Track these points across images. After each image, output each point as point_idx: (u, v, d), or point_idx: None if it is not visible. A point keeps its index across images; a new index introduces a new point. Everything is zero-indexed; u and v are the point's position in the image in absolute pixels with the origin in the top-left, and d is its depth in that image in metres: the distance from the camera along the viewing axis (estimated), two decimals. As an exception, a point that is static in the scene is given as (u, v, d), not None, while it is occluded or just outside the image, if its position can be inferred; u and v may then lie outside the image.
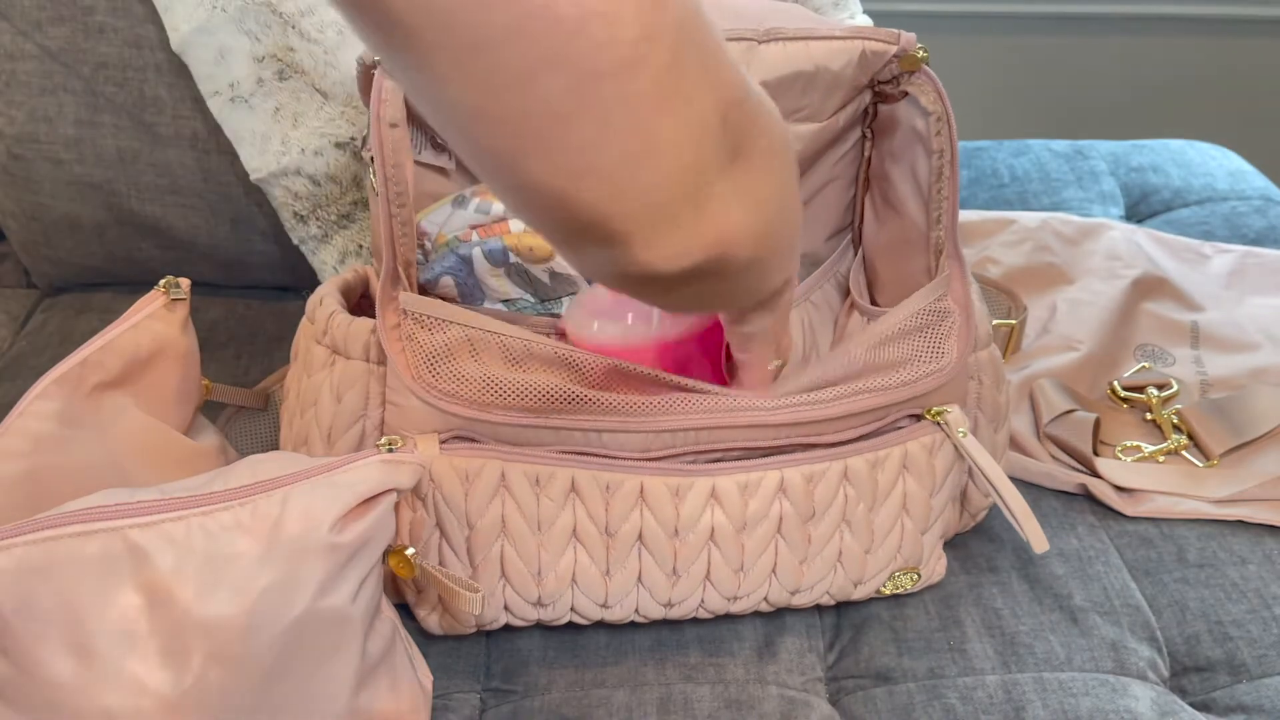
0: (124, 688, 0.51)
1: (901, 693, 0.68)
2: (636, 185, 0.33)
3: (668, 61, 0.31)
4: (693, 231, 0.35)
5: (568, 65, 0.30)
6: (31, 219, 0.97)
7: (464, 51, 0.30)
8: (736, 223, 0.36)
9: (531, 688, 0.68)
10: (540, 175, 0.32)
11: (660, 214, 0.34)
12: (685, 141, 0.33)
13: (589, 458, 0.62)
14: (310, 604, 0.54)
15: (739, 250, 0.37)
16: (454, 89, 0.31)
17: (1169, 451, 0.85)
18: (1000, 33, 1.84)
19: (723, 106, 0.34)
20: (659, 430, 0.62)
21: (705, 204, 0.35)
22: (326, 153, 0.89)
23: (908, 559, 0.69)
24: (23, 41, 0.92)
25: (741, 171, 0.36)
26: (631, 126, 0.32)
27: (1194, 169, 1.21)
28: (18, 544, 0.50)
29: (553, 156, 0.32)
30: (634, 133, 0.32)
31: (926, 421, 0.67)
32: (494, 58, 0.30)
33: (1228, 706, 0.68)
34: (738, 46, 0.67)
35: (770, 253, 0.40)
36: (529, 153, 0.32)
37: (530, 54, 0.30)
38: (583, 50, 0.30)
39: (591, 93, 0.31)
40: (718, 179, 0.35)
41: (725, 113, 0.35)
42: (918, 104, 0.67)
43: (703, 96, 0.33)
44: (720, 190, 0.35)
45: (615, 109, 0.31)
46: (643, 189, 0.33)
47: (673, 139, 0.33)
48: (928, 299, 0.66)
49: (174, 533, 0.52)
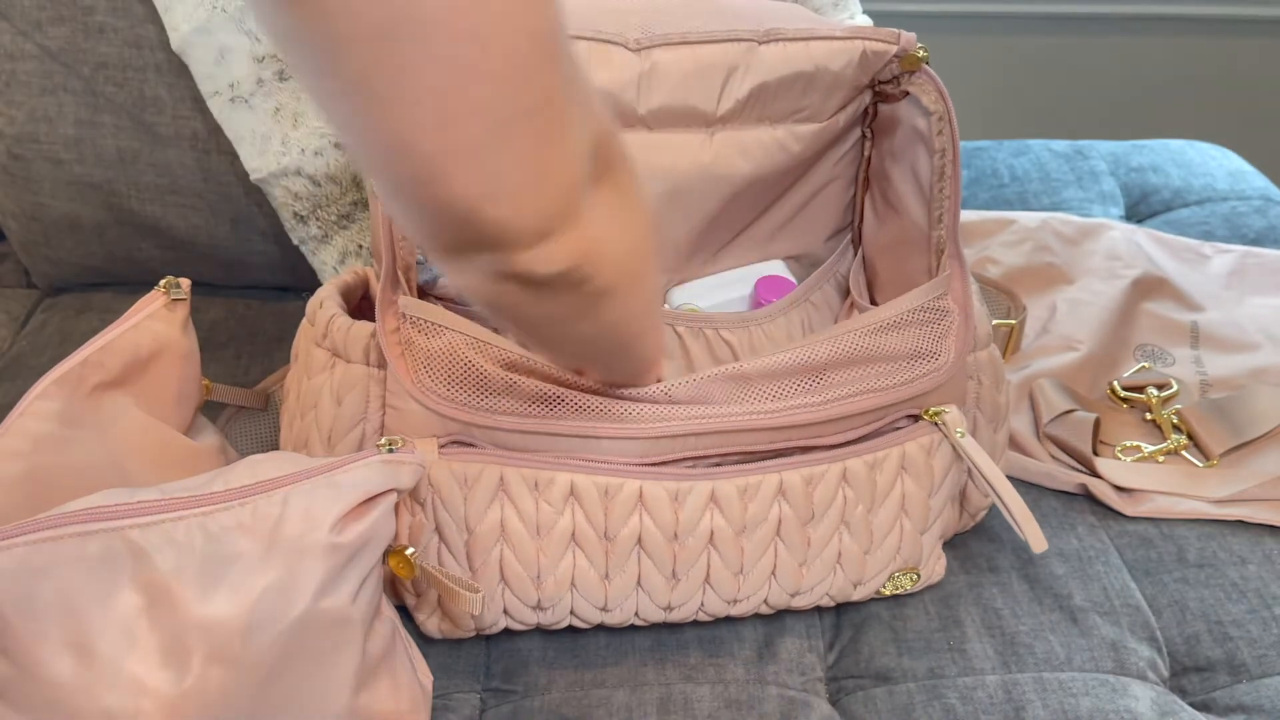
0: (124, 688, 0.51)
1: (901, 693, 0.68)
2: (533, 203, 0.40)
3: (561, 106, 0.39)
4: (565, 239, 0.43)
5: (489, 113, 0.37)
6: (31, 219, 0.97)
7: (406, 99, 0.36)
8: (598, 235, 0.44)
9: (531, 688, 0.68)
10: (454, 196, 0.39)
11: (546, 225, 0.42)
12: (569, 167, 0.41)
13: (588, 462, 0.62)
14: (310, 604, 0.54)
15: (600, 262, 0.45)
16: (385, 127, 0.37)
17: (1169, 451, 0.85)
18: (1000, 33, 1.84)
19: (593, 139, 0.43)
20: (657, 436, 0.62)
21: (577, 217, 0.43)
22: (327, 153, 0.89)
23: (907, 559, 0.69)
24: (23, 41, 0.92)
25: (604, 194, 0.44)
26: (534, 157, 0.39)
27: (1194, 169, 1.20)
28: (18, 544, 0.50)
29: (469, 182, 0.39)
30: (535, 162, 0.39)
31: (924, 422, 0.67)
32: (427, 101, 0.36)
33: (1227, 706, 0.68)
34: (738, 47, 0.67)
35: (627, 278, 0.47)
36: (448, 178, 0.38)
37: (460, 105, 0.36)
38: (502, 99, 0.37)
39: (506, 133, 0.38)
40: (586, 198, 0.43)
41: (595, 144, 0.43)
42: (919, 103, 0.67)
43: (581, 130, 0.41)
44: (587, 207, 0.43)
45: (523, 144, 0.39)
46: (536, 206, 0.41)
47: (562, 165, 0.40)
48: (927, 296, 0.66)
49: (174, 533, 0.52)
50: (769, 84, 0.68)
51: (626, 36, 0.66)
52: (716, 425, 0.62)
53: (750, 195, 0.74)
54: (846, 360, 0.64)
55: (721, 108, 0.68)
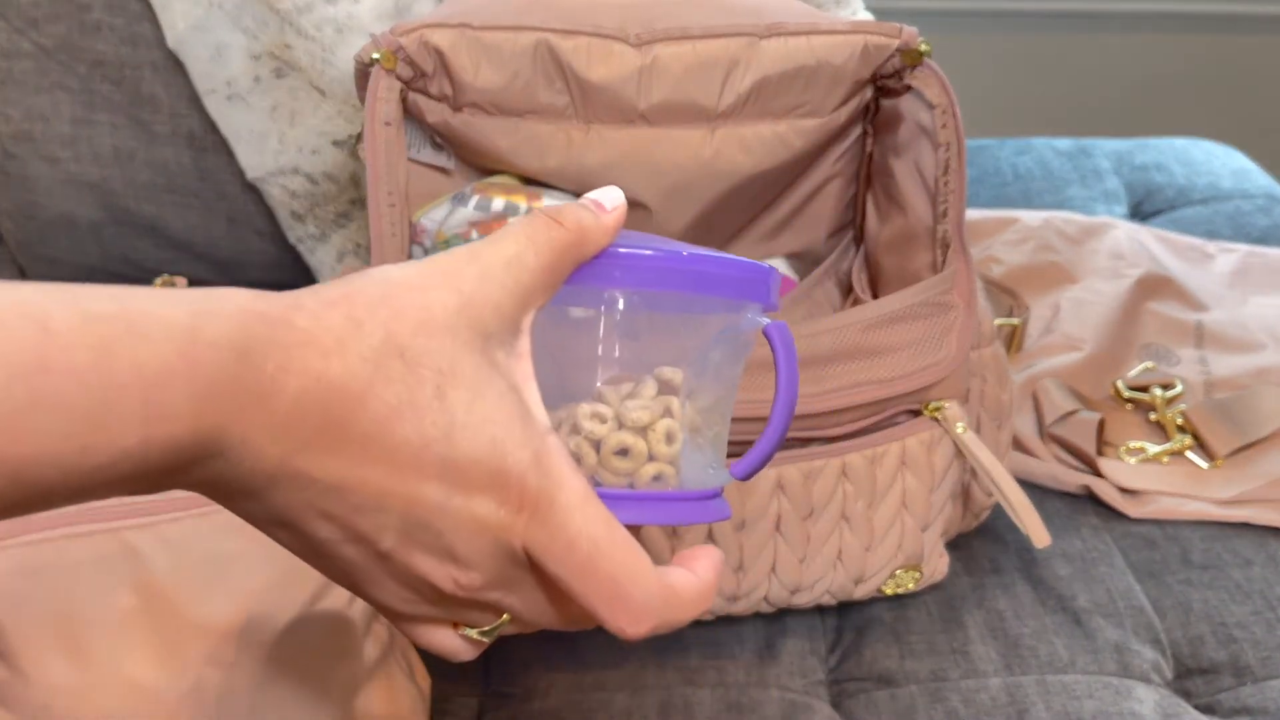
0: (120, 690, 0.51)
1: (904, 695, 0.67)
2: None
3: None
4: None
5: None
6: (27, 218, 0.97)
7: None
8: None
9: (531, 691, 0.68)
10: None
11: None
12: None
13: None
14: (307, 606, 0.53)
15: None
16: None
17: (1173, 452, 0.84)
18: (1003, 30, 1.84)
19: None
20: None
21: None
22: (324, 151, 0.89)
23: (909, 556, 0.69)
24: (18, 39, 0.92)
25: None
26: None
27: (1198, 167, 1.20)
28: (13, 545, 0.50)
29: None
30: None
31: (924, 417, 0.67)
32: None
33: (1232, 709, 0.68)
34: (739, 42, 0.67)
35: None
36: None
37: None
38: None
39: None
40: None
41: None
42: (922, 97, 0.67)
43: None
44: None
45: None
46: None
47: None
48: (931, 291, 0.66)
49: (170, 534, 0.52)
50: (770, 79, 0.67)
51: (627, 32, 0.66)
52: None
53: (752, 191, 0.74)
54: (848, 353, 0.63)
55: (723, 103, 0.68)
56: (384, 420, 0.33)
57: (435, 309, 0.34)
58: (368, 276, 0.34)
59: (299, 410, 0.32)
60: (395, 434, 0.33)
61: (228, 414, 0.31)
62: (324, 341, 0.32)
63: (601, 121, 0.68)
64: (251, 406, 0.31)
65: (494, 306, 0.35)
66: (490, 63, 0.65)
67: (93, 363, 0.29)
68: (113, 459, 0.30)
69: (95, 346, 0.29)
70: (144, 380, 0.30)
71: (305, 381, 0.32)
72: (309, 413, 0.32)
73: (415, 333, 0.33)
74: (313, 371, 0.32)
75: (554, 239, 0.36)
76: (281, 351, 0.31)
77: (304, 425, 0.32)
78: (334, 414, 0.32)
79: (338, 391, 0.32)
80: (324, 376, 0.32)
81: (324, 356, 0.32)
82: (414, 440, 0.33)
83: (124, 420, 0.29)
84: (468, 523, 0.34)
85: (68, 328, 0.29)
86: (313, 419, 0.32)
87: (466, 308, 0.34)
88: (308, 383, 0.32)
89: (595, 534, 0.34)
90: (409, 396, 0.33)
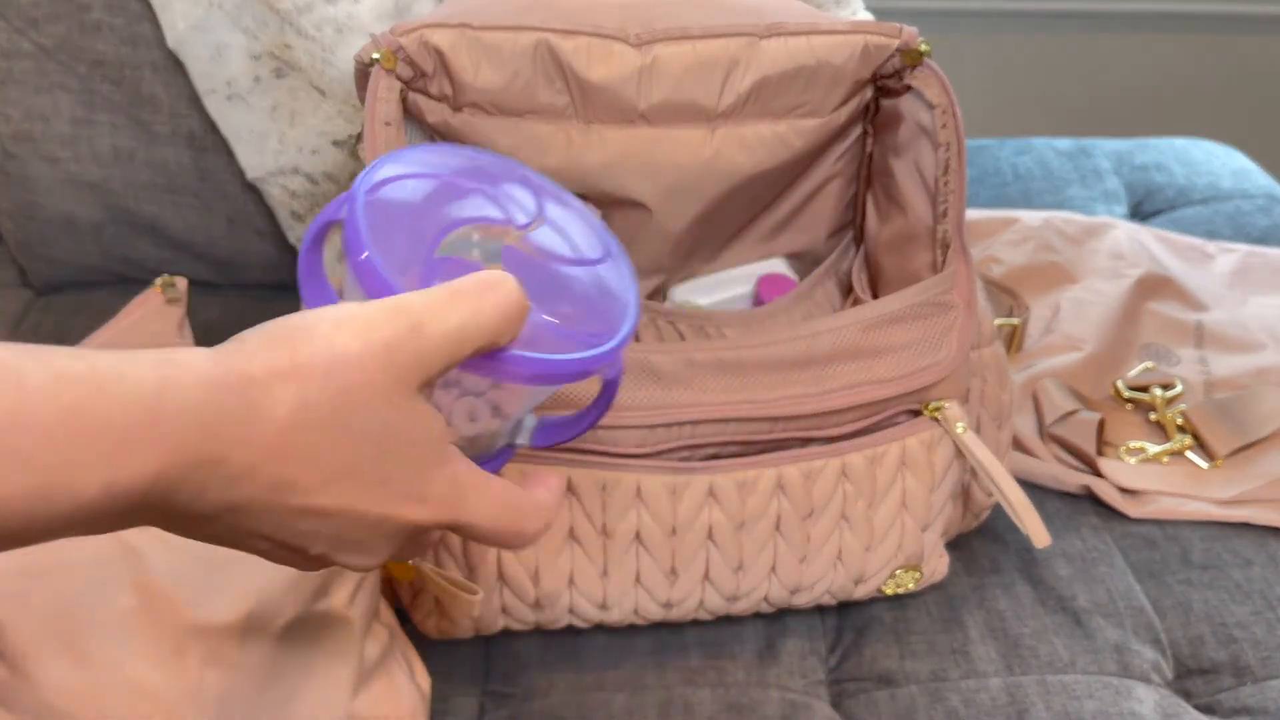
0: (121, 691, 0.51)
1: (904, 695, 0.67)
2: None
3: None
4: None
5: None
6: (27, 218, 0.97)
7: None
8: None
9: (531, 691, 0.68)
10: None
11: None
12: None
13: (585, 455, 0.62)
14: (307, 606, 0.53)
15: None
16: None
17: (1173, 452, 0.84)
18: (1003, 30, 1.84)
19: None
20: (653, 425, 0.62)
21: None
22: (324, 151, 0.89)
23: (909, 556, 0.69)
24: (18, 39, 0.92)
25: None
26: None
27: (1198, 167, 1.20)
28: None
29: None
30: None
31: (924, 417, 0.67)
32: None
33: (1232, 709, 0.68)
34: (739, 42, 0.67)
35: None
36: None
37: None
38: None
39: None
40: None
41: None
42: (922, 97, 0.67)
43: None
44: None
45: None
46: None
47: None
48: (931, 291, 0.66)
49: (170, 534, 0.52)
50: (770, 78, 0.67)
51: (627, 32, 0.66)
52: (714, 413, 0.62)
53: (752, 191, 0.74)
54: (848, 353, 0.63)
55: (723, 103, 0.68)
56: (322, 481, 0.37)
57: (375, 387, 0.37)
58: (313, 342, 0.37)
59: (251, 470, 0.36)
60: (331, 489, 0.38)
61: (185, 470, 0.34)
62: (277, 414, 0.36)
63: (601, 121, 0.68)
64: (208, 464, 0.35)
65: (423, 377, 0.38)
66: (490, 63, 0.65)
67: (60, 421, 0.32)
68: (75, 508, 0.33)
69: (67, 406, 0.32)
70: (110, 440, 0.33)
71: (256, 455, 0.36)
72: (260, 472, 0.36)
73: (355, 410, 0.37)
74: (265, 440, 0.36)
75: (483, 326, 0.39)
76: (237, 428, 0.35)
77: (255, 481, 0.36)
78: (284, 473, 0.36)
79: (287, 450, 0.36)
80: (274, 445, 0.36)
81: (278, 431, 0.36)
82: (347, 487, 0.38)
83: (87, 474, 0.32)
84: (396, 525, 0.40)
85: (37, 388, 0.32)
86: (264, 476, 0.36)
87: (402, 380, 0.38)
88: (257, 455, 0.36)
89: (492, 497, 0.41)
90: (349, 458, 0.37)
